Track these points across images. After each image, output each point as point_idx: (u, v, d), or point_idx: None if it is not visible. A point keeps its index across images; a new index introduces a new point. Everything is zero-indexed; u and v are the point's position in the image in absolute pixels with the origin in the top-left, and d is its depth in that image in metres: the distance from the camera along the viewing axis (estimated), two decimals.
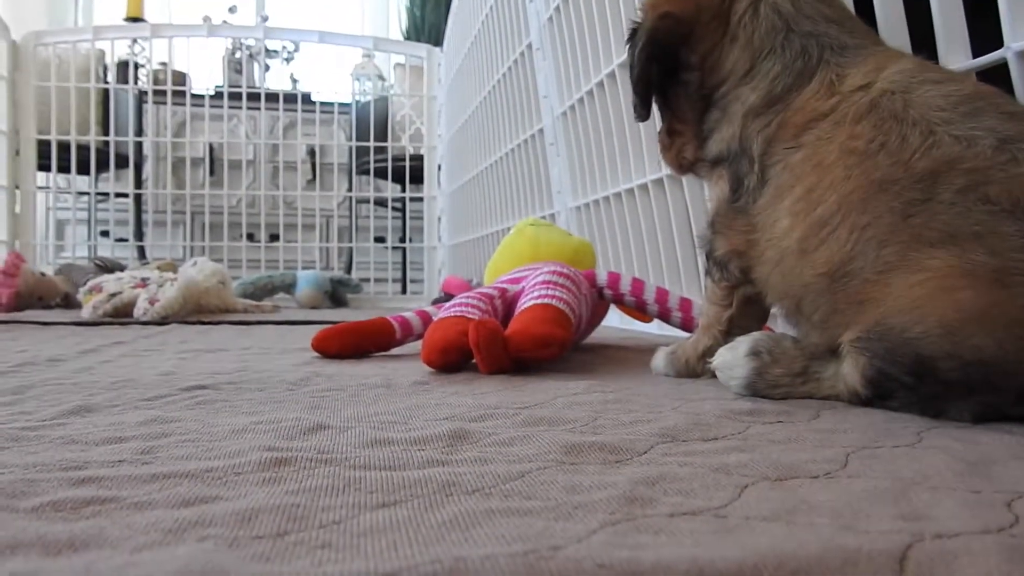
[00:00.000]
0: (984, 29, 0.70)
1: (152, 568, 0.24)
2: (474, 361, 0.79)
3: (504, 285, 0.97)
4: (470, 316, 0.85)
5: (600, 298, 1.03)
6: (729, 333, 0.71)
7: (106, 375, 0.76)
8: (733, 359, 0.64)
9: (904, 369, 0.53)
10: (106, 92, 2.98)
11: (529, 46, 1.83)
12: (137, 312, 1.65)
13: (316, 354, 0.97)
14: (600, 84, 1.45)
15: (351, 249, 3.29)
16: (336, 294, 2.63)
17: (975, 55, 0.70)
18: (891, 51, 0.66)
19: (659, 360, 0.79)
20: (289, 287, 2.57)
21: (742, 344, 0.64)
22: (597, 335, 1.26)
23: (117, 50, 3.05)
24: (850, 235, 0.56)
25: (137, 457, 0.39)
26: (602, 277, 1.02)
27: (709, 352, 0.71)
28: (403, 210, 3.30)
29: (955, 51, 0.70)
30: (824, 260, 0.58)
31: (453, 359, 0.80)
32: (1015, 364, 0.49)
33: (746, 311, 0.72)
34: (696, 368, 0.75)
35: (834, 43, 0.65)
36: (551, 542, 0.27)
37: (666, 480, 0.36)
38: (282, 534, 0.28)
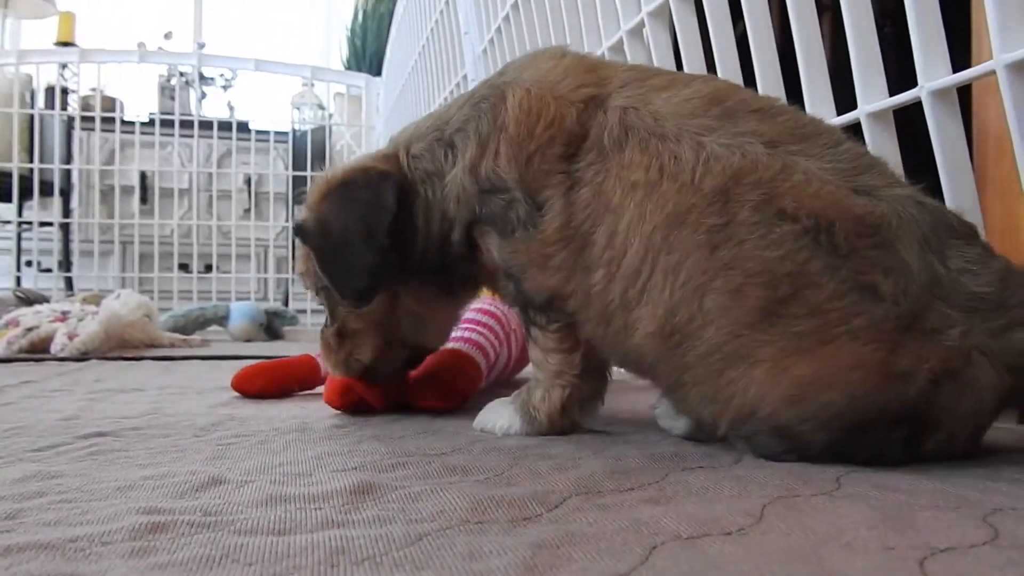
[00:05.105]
0: (896, 70, 0.71)
1: None
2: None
3: None
4: None
5: None
6: (585, 373, 0.63)
7: (0, 421, 0.71)
8: None
9: (781, 446, 0.53)
10: (31, 117, 2.88)
11: (464, 77, 1.83)
12: (54, 348, 1.57)
13: (236, 394, 0.93)
14: None
15: (288, 280, 3.22)
16: (271, 327, 2.55)
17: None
18: (529, 58, 0.66)
19: (503, 419, 0.65)
20: (222, 320, 2.48)
21: None
22: None
23: (47, 75, 2.95)
24: (665, 280, 0.54)
25: None
26: None
27: (571, 402, 0.63)
28: None
29: (872, 90, 0.71)
30: (649, 316, 0.55)
31: (354, 399, 0.77)
32: (867, 399, 0.50)
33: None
34: (562, 424, 0.63)
35: (480, 89, 0.66)
36: None
37: (572, 542, 0.34)
38: None
